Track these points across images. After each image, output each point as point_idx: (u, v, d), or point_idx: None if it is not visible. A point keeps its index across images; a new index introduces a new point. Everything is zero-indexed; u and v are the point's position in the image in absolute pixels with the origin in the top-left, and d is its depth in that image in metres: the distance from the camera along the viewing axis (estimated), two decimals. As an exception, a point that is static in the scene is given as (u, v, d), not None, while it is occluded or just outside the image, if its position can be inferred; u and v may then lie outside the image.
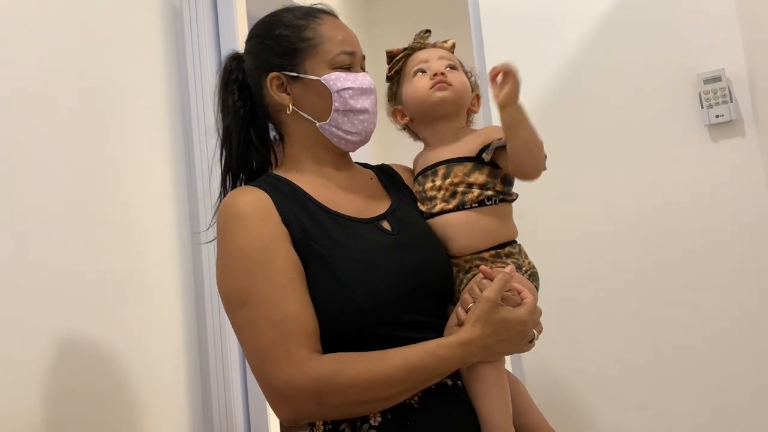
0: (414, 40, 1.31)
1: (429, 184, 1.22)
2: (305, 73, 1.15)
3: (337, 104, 1.15)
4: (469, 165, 1.19)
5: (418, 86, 1.24)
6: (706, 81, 1.69)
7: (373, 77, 1.21)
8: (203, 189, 2.15)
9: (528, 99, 1.74)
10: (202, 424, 2.12)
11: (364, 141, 1.21)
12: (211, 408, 2.09)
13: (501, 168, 1.20)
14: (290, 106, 1.17)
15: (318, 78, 1.14)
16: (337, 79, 1.14)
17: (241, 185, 1.22)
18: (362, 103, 1.16)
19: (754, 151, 1.66)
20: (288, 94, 1.17)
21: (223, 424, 2.06)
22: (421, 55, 1.27)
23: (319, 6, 1.25)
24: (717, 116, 1.68)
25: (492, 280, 1.06)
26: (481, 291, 1.05)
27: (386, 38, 3.74)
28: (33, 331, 1.62)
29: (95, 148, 1.89)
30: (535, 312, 1.09)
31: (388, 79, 1.33)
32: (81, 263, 1.78)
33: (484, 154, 1.18)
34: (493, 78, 1.11)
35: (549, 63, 1.86)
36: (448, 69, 1.24)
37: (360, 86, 1.16)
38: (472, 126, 1.32)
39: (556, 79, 1.86)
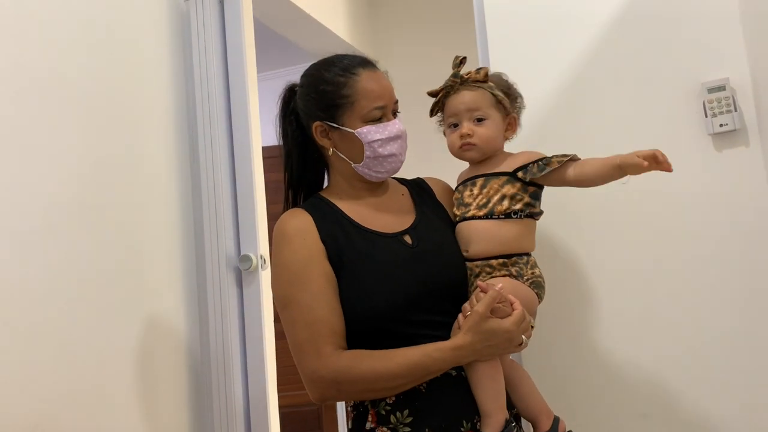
0: (452, 68, 1.47)
1: (467, 192, 1.43)
2: (343, 126, 1.39)
3: (368, 152, 1.38)
4: (504, 178, 1.40)
5: (451, 141, 1.47)
6: (711, 90, 1.69)
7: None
8: (208, 190, 2.16)
9: (531, 106, 1.77)
10: (202, 423, 2.12)
11: (392, 174, 1.45)
12: (212, 408, 2.09)
13: (537, 186, 1.41)
14: (331, 150, 1.42)
15: (352, 131, 1.38)
16: (368, 133, 1.37)
17: (300, 199, 1.49)
18: (389, 149, 1.39)
19: (757, 161, 1.66)
20: (329, 139, 1.42)
21: (223, 425, 2.06)
22: (452, 103, 1.46)
23: (360, 58, 1.44)
24: (721, 125, 1.68)
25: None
26: (477, 302, 1.25)
27: (392, 40, 3.77)
28: (35, 331, 1.63)
29: (101, 149, 1.90)
30: (523, 321, 1.27)
31: (432, 113, 1.54)
32: (84, 263, 1.79)
33: (520, 173, 1.39)
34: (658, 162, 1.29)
35: (552, 71, 1.87)
36: (475, 122, 1.43)
37: (388, 135, 1.38)
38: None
39: (560, 87, 1.86)
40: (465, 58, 1.47)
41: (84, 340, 1.75)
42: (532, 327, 1.33)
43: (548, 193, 1.48)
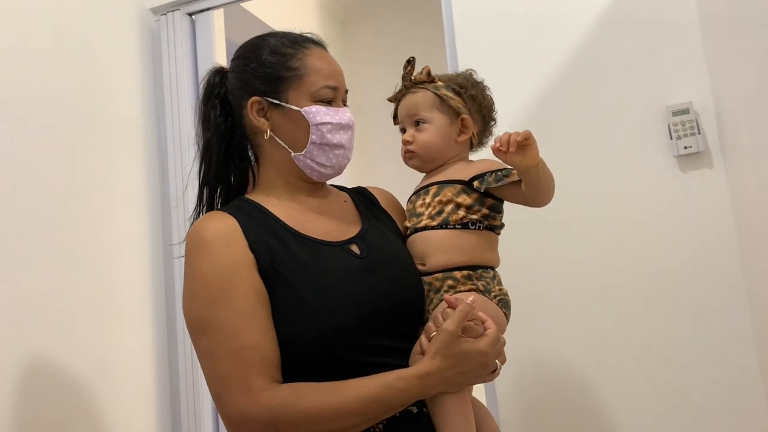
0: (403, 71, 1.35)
1: (419, 202, 1.25)
2: (287, 103, 1.17)
3: (314, 137, 1.16)
4: (458, 187, 1.22)
5: (401, 148, 1.31)
6: (675, 113, 1.73)
7: (349, 97, 1.24)
8: (177, 210, 2.13)
9: (497, 132, 1.78)
10: (170, 450, 2.08)
11: (337, 174, 1.23)
12: (180, 428, 2.05)
13: (496, 198, 1.24)
14: (268, 132, 1.18)
15: (299, 109, 1.16)
16: (317, 113, 1.16)
17: (218, 199, 1.24)
18: (339, 138, 1.18)
19: (721, 182, 1.70)
20: (267, 119, 1.18)
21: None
22: (398, 109, 1.33)
23: (309, 35, 1.25)
24: (685, 147, 1.72)
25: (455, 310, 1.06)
26: (445, 320, 1.05)
27: (365, 60, 3.79)
28: (1, 355, 1.59)
29: (69, 167, 1.87)
30: (498, 343, 1.08)
31: (395, 121, 1.38)
32: (50, 285, 1.75)
33: (476, 183, 1.22)
34: (499, 149, 1.11)
35: (519, 95, 1.90)
36: (415, 126, 1.29)
37: (339, 122, 1.17)
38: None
39: (527, 109, 1.89)
40: (413, 58, 1.33)
41: (49, 366, 1.71)
42: None
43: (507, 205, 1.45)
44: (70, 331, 1.79)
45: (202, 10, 2.29)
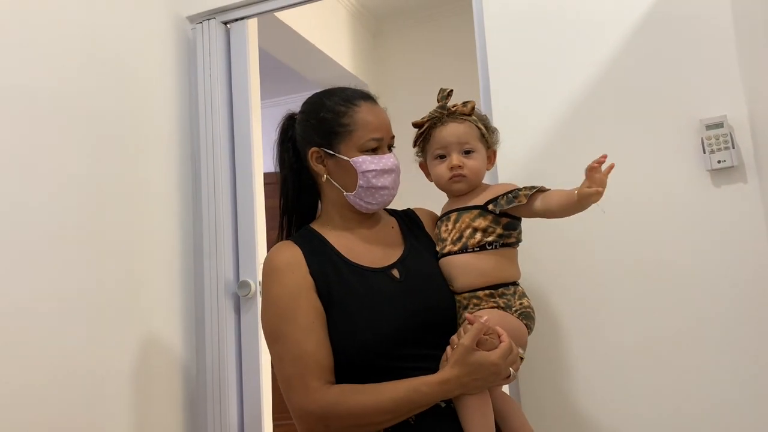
0: (438, 99, 1.48)
1: (443, 228, 1.44)
2: (339, 153, 1.40)
3: (361, 182, 1.39)
4: (475, 212, 1.40)
5: (438, 172, 1.45)
6: (709, 127, 1.71)
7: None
8: (209, 214, 2.17)
9: (530, 142, 1.77)
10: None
11: (383, 207, 1.47)
12: (206, 430, 2.07)
13: (511, 216, 1.40)
14: (325, 176, 1.43)
15: (348, 159, 1.39)
16: (363, 162, 1.38)
17: (293, 226, 1.50)
18: (383, 181, 1.40)
19: (755, 197, 1.67)
20: (324, 166, 1.43)
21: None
22: (440, 134, 1.45)
23: (362, 92, 1.46)
24: (719, 161, 1.69)
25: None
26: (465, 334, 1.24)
27: (394, 71, 3.81)
28: (34, 353, 1.62)
29: (105, 173, 1.92)
30: (510, 353, 1.25)
31: (415, 143, 1.52)
32: (84, 286, 1.79)
33: (490, 206, 1.38)
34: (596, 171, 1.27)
35: (552, 105, 1.88)
36: (464, 155, 1.42)
37: (383, 168, 1.39)
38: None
39: (559, 122, 1.88)
40: (452, 90, 1.48)
41: (80, 361, 1.74)
42: (521, 359, 1.32)
43: (545, 225, 1.47)
44: (103, 329, 1.82)
45: (237, 19, 2.32)
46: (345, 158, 1.39)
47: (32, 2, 1.76)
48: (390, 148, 1.45)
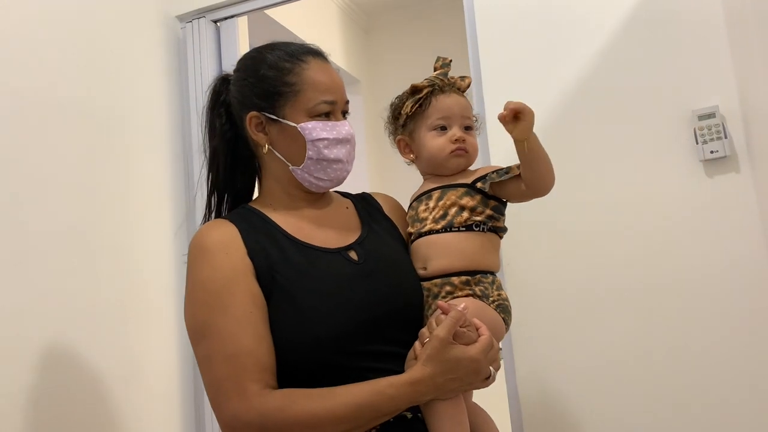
0: (436, 67, 1.32)
1: (422, 207, 1.25)
2: (284, 118, 1.16)
3: (311, 152, 1.15)
4: (461, 190, 1.23)
5: (436, 144, 1.26)
6: (701, 117, 1.71)
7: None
8: (201, 214, 2.15)
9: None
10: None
11: (336, 186, 1.23)
12: (204, 428, 2.07)
13: (498, 200, 1.24)
14: (266, 146, 1.18)
15: (295, 125, 1.15)
16: (313, 129, 1.15)
17: (226, 206, 1.25)
18: (336, 153, 1.17)
19: (747, 186, 1.68)
20: (265, 134, 1.18)
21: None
22: (444, 103, 1.28)
23: (309, 46, 1.23)
24: (712, 152, 1.70)
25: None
26: (437, 326, 1.04)
27: (386, 67, 3.80)
28: (29, 353, 1.61)
29: (96, 172, 1.91)
30: (492, 350, 1.06)
31: (402, 113, 1.32)
32: (77, 284, 1.78)
33: (478, 183, 1.22)
34: (506, 118, 1.12)
35: (545, 97, 1.89)
36: (464, 130, 1.27)
37: (336, 137, 1.16)
38: None
39: (552, 113, 1.88)
40: (451, 60, 1.33)
41: (76, 363, 1.74)
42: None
43: (534, 212, 1.46)
44: (96, 332, 1.81)
45: (226, 18, 2.32)
46: (291, 124, 1.15)
47: (21, 2, 1.75)
48: (344, 114, 1.21)
